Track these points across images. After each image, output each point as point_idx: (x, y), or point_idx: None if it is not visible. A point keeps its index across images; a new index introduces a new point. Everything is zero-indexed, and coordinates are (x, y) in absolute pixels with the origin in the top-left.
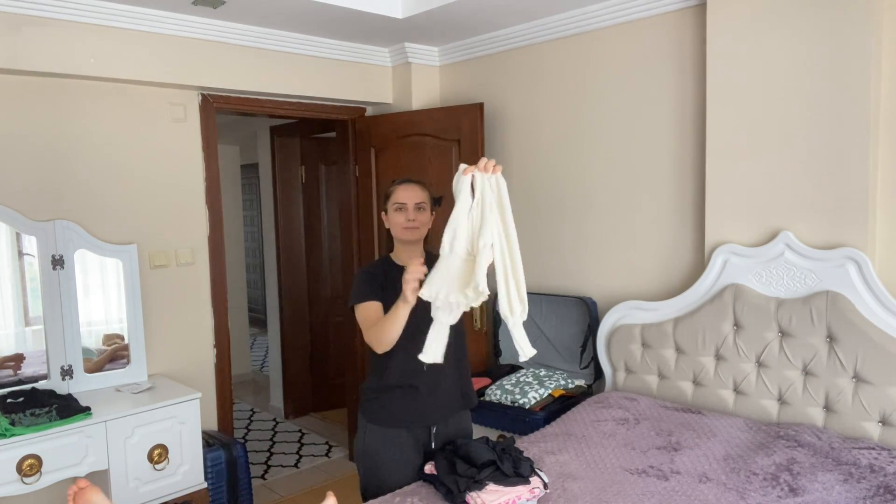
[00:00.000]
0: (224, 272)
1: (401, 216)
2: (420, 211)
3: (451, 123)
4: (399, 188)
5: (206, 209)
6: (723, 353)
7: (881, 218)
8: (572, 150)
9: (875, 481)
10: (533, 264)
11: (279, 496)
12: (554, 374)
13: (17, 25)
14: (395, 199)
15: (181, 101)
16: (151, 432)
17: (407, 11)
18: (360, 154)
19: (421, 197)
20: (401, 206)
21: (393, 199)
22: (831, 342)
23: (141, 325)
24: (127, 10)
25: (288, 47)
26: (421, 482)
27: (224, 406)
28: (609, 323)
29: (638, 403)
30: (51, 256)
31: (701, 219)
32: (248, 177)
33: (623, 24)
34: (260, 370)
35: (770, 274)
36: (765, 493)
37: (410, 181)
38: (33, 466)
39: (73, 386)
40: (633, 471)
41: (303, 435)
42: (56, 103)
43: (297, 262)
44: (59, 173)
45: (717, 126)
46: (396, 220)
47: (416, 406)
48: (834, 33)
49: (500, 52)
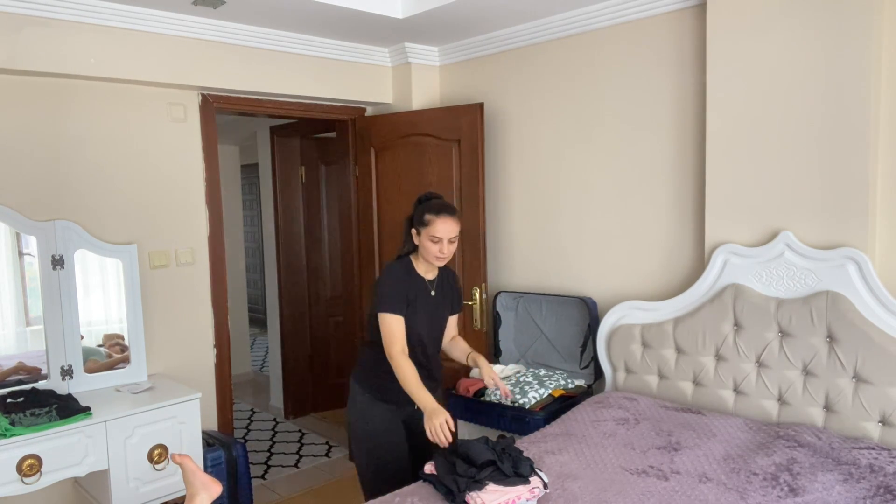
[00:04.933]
0: (224, 272)
1: (434, 248)
2: (452, 243)
3: (451, 123)
4: (438, 221)
5: (206, 209)
6: (723, 353)
7: (881, 218)
8: (572, 150)
9: (875, 481)
10: (533, 264)
11: (279, 496)
12: (554, 374)
13: (17, 25)
14: (431, 232)
15: (181, 101)
16: (151, 432)
17: (407, 11)
18: (360, 154)
19: (456, 231)
20: (437, 239)
21: (430, 231)
22: (831, 342)
23: (141, 325)
24: (127, 10)
25: (288, 47)
26: (421, 482)
27: (224, 406)
28: (609, 323)
29: (638, 403)
30: (51, 256)
31: (701, 219)
32: (248, 177)
33: (623, 24)
34: (260, 370)
35: (770, 274)
36: (765, 493)
37: (447, 213)
38: (33, 466)
39: (73, 386)
40: (633, 471)
41: (303, 435)
42: (56, 103)
43: (297, 262)
44: (59, 173)
45: (717, 126)
46: (429, 248)
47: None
48: (834, 33)
49: (500, 52)
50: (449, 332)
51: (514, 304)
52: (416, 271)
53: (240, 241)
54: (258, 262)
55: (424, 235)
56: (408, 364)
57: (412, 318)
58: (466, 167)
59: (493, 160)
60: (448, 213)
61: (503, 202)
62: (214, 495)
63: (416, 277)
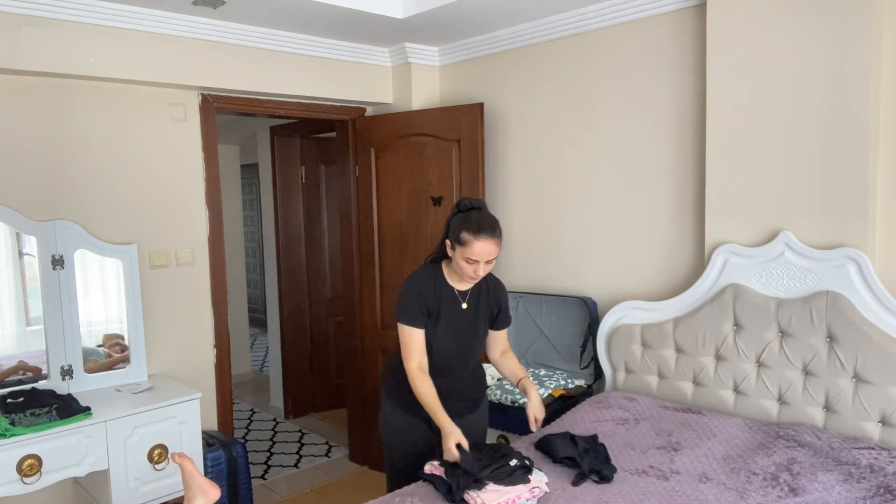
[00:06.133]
0: (224, 272)
1: (469, 268)
2: (489, 264)
3: (451, 123)
4: (476, 244)
5: (206, 209)
6: (723, 353)
7: (881, 218)
8: (572, 150)
9: (875, 481)
10: (533, 264)
11: (279, 496)
12: (554, 374)
13: (17, 25)
14: (468, 254)
15: (181, 101)
16: (151, 432)
17: (407, 11)
18: (360, 154)
19: (495, 253)
20: (474, 261)
21: (466, 252)
22: (831, 342)
23: (141, 325)
24: (127, 10)
25: (288, 47)
26: (421, 482)
27: (224, 406)
28: (609, 323)
29: (638, 403)
30: (51, 256)
31: (701, 219)
32: (248, 177)
33: (623, 24)
34: (260, 370)
35: (770, 274)
36: (765, 493)
37: (487, 234)
38: (33, 466)
39: (73, 386)
40: (633, 471)
41: (303, 435)
42: (56, 103)
43: (297, 263)
44: (59, 173)
45: (717, 126)
46: (463, 267)
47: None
48: (834, 33)
49: (500, 52)
50: (498, 347)
51: (514, 304)
52: (444, 279)
53: (240, 241)
54: (258, 262)
55: (459, 254)
56: (423, 381)
57: (434, 331)
58: (466, 167)
59: (493, 160)
60: (488, 234)
61: (503, 202)
62: (212, 500)
63: (443, 286)
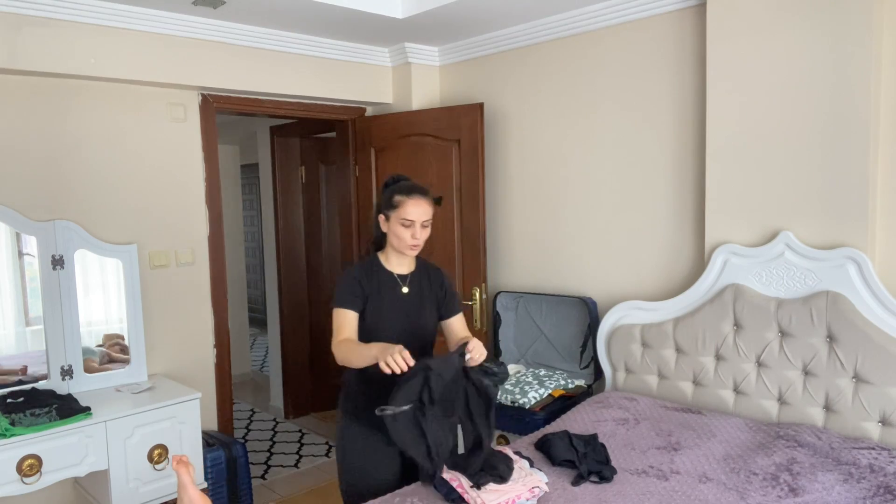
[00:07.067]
0: (224, 272)
1: (406, 232)
2: (425, 228)
3: (451, 123)
4: (409, 203)
5: (206, 209)
6: (723, 353)
7: (881, 218)
8: (572, 150)
9: (875, 481)
10: (533, 264)
11: (279, 496)
12: (554, 374)
13: (17, 25)
14: (402, 214)
15: (181, 101)
16: (151, 432)
17: (407, 11)
18: (360, 154)
19: (429, 213)
20: (409, 223)
21: (401, 214)
22: (831, 342)
23: (141, 325)
24: (127, 10)
25: (288, 47)
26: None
27: (224, 406)
28: (609, 323)
29: (638, 403)
30: (51, 256)
31: (701, 219)
32: (248, 177)
33: (623, 24)
34: (260, 370)
35: (770, 274)
36: (765, 493)
37: (419, 193)
38: (33, 466)
39: (73, 386)
40: (633, 471)
41: (303, 435)
42: (56, 103)
43: (297, 262)
44: (59, 173)
45: (717, 126)
46: (400, 235)
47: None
48: (834, 33)
49: (500, 52)
50: (455, 336)
51: (514, 304)
52: (381, 265)
53: (240, 241)
54: (258, 262)
55: (394, 220)
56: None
57: (376, 314)
58: (466, 167)
59: (493, 160)
60: (420, 193)
61: (503, 202)
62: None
63: (380, 271)
